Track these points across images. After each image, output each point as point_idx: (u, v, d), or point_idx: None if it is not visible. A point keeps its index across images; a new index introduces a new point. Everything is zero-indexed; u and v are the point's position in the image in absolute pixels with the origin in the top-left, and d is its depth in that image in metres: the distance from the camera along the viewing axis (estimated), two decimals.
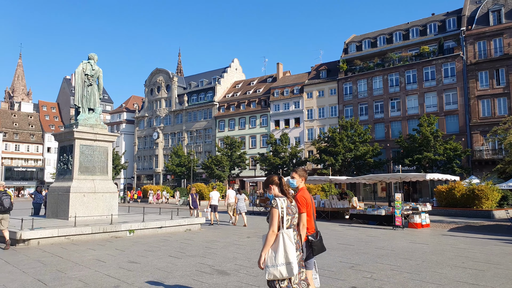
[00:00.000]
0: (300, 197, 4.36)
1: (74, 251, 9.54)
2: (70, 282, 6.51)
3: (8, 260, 8.49)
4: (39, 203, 17.65)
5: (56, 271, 7.33)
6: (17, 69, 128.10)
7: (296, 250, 3.82)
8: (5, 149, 79.86)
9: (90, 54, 15.19)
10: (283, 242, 3.76)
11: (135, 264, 7.90)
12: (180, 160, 51.24)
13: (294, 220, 3.93)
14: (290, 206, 3.93)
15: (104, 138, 14.61)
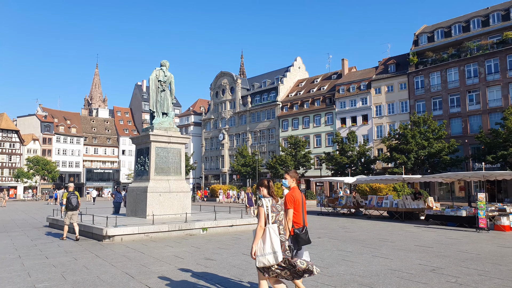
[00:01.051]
0: (289, 195, 5.14)
1: (153, 247, 10.25)
2: (153, 276, 7.04)
3: (98, 254, 9.38)
4: (119, 202, 19.21)
5: (140, 265, 7.95)
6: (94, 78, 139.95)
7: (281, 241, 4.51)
8: (86, 152, 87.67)
9: (162, 61, 16.17)
10: (269, 235, 4.46)
11: (211, 261, 8.30)
12: (245, 160, 52.32)
13: (279, 216, 4.66)
14: (275, 205, 4.66)
15: (177, 140, 15.47)
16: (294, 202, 5.10)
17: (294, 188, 5.27)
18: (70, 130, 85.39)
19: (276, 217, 4.63)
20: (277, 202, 4.71)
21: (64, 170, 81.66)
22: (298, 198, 5.14)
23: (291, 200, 5.11)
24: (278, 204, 4.71)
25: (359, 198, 23.62)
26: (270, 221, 4.54)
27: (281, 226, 4.66)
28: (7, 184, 71.91)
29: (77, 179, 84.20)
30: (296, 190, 5.24)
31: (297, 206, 5.11)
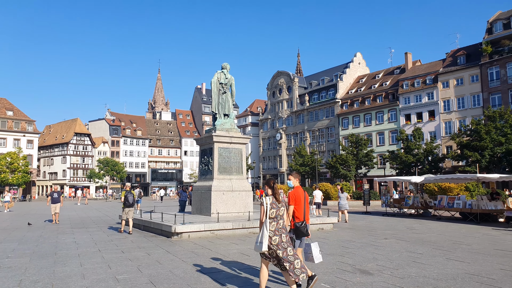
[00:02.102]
0: (291, 193, 6.08)
1: (219, 244, 10.62)
2: (222, 272, 7.31)
3: (168, 250, 9.93)
4: (184, 200, 20.11)
5: (208, 261, 8.30)
6: (157, 83, 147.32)
7: (276, 234, 5.25)
8: (151, 153, 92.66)
9: (223, 64, 16.66)
10: (264, 228, 5.23)
11: None
12: (303, 159, 52.02)
13: (279, 211, 5.37)
14: (275, 202, 5.36)
15: (239, 140, 15.86)
16: (295, 200, 6.01)
17: (297, 187, 6.16)
18: (136, 133, 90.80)
19: (277, 212, 5.37)
20: (279, 201, 5.41)
21: (131, 171, 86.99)
22: (299, 196, 6.04)
23: (293, 198, 6.04)
24: (279, 202, 5.42)
25: (427, 198, 22.47)
26: (269, 216, 5.29)
27: (282, 220, 5.41)
28: (81, 184, 78.20)
29: (143, 179, 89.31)
30: (298, 189, 6.13)
31: (298, 203, 6.02)
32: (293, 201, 6.04)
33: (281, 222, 5.38)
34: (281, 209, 5.42)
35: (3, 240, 12.08)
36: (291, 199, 6.05)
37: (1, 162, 59.48)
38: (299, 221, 6.01)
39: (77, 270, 7.56)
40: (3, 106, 73.01)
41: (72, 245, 10.89)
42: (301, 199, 6.06)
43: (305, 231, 6.01)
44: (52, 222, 17.72)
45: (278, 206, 5.38)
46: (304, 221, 6.01)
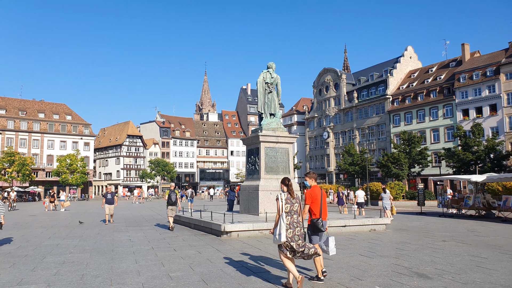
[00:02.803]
0: (308, 193, 6.53)
1: (268, 244, 10.64)
2: (272, 272, 7.32)
3: (219, 248, 10.11)
4: (232, 200, 20.41)
5: (257, 260, 8.35)
6: (203, 85, 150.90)
7: (291, 228, 5.82)
8: (199, 154, 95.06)
9: (269, 64, 16.68)
10: (280, 221, 5.80)
11: (329, 261, 8.28)
12: (352, 158, 50.80)
13: (293, 207, 5.95)
14: (290, 198, 5.98)
15: (285, 140, 15.81)
16: (312, 198, 6.48)
17: (314, 186, 6.66)
18: (185, 134, 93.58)
19: (291, 208, 5.96)
20: (293, 197, 6.03)
21: (181, 171, 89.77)
22: (316, 195, 6.53)
23: (309, 197, 6.51)
24: (294, 198, 6.03)
25: (490, 199, 21.07)
26: (284, 210, 5.88)
27: (296, 215, 5.97)
28: (134, 184, 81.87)
29: (191, 178, 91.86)
30: (315, 188, 6.63)
31: (314, 201, 6.49)
32: (309, 199, 6.52)
33: (295, 217, 5.97)
34: (295, 205, 6.03)
35: (66, 237, 12.93)
36: (307, 198, 6.53)
37: (61, 163, 63.92)
38: (315, 218, 6.52)
39: (133, 266, 7.91)
40: (63, 111, 78.32)
41: (127, 243, 11.41)
42: (317, 197, 6.55)
43: (321, 227, 6.51)
44: (105, 223, 17.65)
45: (292, 202, 6.01)
46: (320, 218, 6.51)
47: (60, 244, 11.28)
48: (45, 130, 72.56)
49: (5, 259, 8.93)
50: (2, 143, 67.49)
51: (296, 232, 5.88)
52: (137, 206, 35.87)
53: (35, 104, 76.65)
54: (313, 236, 6.65)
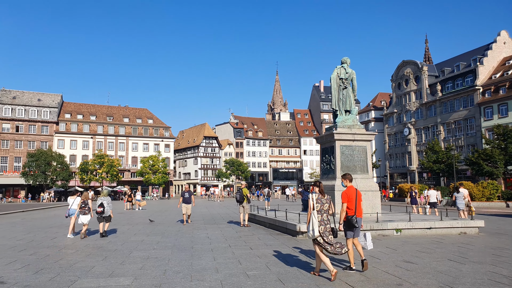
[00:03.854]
0: (343, 193, 7.33)
1: None
2: (352, 275, 7.09)
3: (294, 248, 10.07)
4: (306, 199, 20.24)
5: (335, 262, 8.14)
6: (275, 85, 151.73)
7: (322, 224, 6.65)
8: (271, 153, 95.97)
9: (343, 59, 16.24)
10: (312, 218, 6.61)
11: (412, 265, 7.82)
12: (437, 156, 47.50)
13: (323, 206, 6.75)
14: (320, 198, 6.77)
15: (362, 137, 15.25)
16: (348, 197, 7.25)
17: (349, 187, 7.42)
18: (257, 134, 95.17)
19: (321, 207, 6.75)
20: (324, 197, 6.82)
21: (254, 170, 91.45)
22: (351, 194, 7.28)
23: (345, 197, 7.29)
24: (324, 198, 6.82)
25: None
26: (315, 209, 6.69)
27: (326, 214, 6.79)
28: (211, 183, 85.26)
29: (265, 178, 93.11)
30: (350, 188, 7.39)
31: (350, 200, 7.23)
32: (345, 198, 7.27)
33: (325, 215, 6.78)
34: (325, 205, 6.83)
35: (150, 233, 13.86)
36: (343, 197, 7.31)
37: (145, 164, 68.98)
38: (350, 215, 7.24)
39: (211, 264, 8.20)
40: (145, 115, 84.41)
41: (205, 240, 11.88)
42: (352, 196, 7.28)
43: (354, 223, 7.20)
44: (183, 223, 17.11)
45: (323, 202, 6.80)
46: (355, 215, 7.21)
47: (145, 240, 12.11)
48: (130, 134, 78.76)
49: (98, 252, 9.82)
50: (93, 146, 74.68)
51: (327, 229, 6.77)
52: (213, 204, 37.24)
53: (121, 110, 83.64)
54: (348, 231, 7.36)
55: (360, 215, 7.34)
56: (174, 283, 6.60)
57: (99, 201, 13.01)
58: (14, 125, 69.69)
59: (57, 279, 6.92)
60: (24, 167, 61.85)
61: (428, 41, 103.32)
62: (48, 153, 62.10)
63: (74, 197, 13.66)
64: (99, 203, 12.95)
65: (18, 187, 66.85)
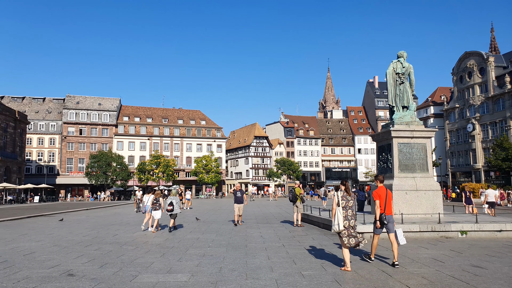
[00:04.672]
0: (374, 192, 8.08)
1: (406, 247, 9.92)
2: (413, 277, 6.80)
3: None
4: (362, 200, 19.71)
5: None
6: (326, 82, 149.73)
7: (346, 219, 7.38)
8: (324, 152, 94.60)
9: (399, 52, 15.64)
10: (337, 213, 7.37)
11: (481, 269, 7.34)
12: (506, 153, 44.26)
13: (348, 203, 7.47)
14: (345, 196, 7.52)
15: (421, 134, 14.58)
16: (379, 196, 8.02)
17: (380, 187, 8.17)
18: (309, 133, 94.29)
19: (346, 204, 7.49)
20: (349, 195, 7.58)
21: (306, 170, 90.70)
22: (381, 194, 8.03)
23: (376, 196, 8.06)
24: (349, 196, 7.57)
25: None
26: (340, 205, 7.45)
27: (350, 210, 7.49)
28: (262, 182, 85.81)
29: (317, 177, 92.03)
30: (381, 188, 8.14)
31: (381, 199, 7.99)
32: (376, 197, 8.06)
33: (349, 211, 7.48)
34: (350, 202, 7.55)
35: (205, 231, 14.23)
36: (374, 197, 8.09)
37: (198, 164, 71.12)
38: (381, 212, 7.97)
39: (266, 263, 8.24)
40: (198, 117, 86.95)
41: (259, 239, 11.97)
42: (382, 196, 8.03)
43: (384, 220, 7.91)
44: (234, 224, 16.47)
45: (348, 199, 7.53)
46: (384, 213, 7.95)
47: (200, 238, 12.45)
48: (184, 135, 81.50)
49: (156, 249, 10.25)
50: (150, 147, 78.13)
51: (351, 224, 7.44)
52: (266, 203, 37.43)
53: (175, 112, 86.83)
54: (377, 228, 8.09)
55: (389, 213, 8.06)
56: (229, 280, 6.71)
57: (168, 200, 14.72)
58: (78, 129, 74.83)
59: (119, 273, 7.31)
60: (87, 167, 66.15)
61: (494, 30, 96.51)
62: (109, 154, 66.02)
63: (149, 195, 15.59)
64: (169, 202, 14.66)
65: (82, 186, 71.64)
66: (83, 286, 6.39)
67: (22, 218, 21.90)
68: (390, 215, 8.07)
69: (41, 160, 72.50)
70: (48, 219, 21.23)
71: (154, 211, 14.48)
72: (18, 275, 7.20)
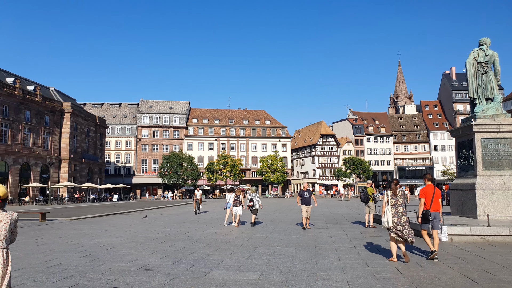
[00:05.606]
0: (421, 190, 8.83)
1: (494, 252, 9.15)
2: (504, 285, 6.22)
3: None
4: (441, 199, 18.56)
5: (481, 271, 7.25)
6: (397, 76, 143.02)
7: (395, 216, 8.14)
8: (396, 150, 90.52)
9: (481, 40, 14.45)
10: (386, 211, 8.20)
11: None
12: None
13: (397, 201, 8.23)
14: (393, 195, 8.28)
15: (509, 128, 13.31)
16: (425, 194, 8.62)
17: (428, 185, 8.72)
18: (379, 130, 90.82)
19: (395, 202, 8.19)
20: (397, 194, 8.23)
21: (377, 169, 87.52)
22: (428, 192, 8.62)
23: (422, 194, 8.67)
24: (398, 195, 8.24)
25: None
26: (389, 203, 8.17)
27: (400, 207, 8.17)
28: (330, 182, 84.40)
29: (389, 176, 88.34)
30: (428, 186, 8.70)
31: (427, 197, 8.60)
32: (422, 195, 8.72)
33: (400, 209, 8.19)
34: (399, 200, 8.25)
35: (272, 231, 14.31)
36: (420, 194, 8.75)
37: (264, 164, 71.89)
38: (425, 209, 8.58)
39: (336, 264, 8.06)
40: (262, 117, 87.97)
41: (328, 240, 11.75)
42: (429, 194, 8.64)
43: (428, 216, 8.48)
44: (303, 227, 14.78)
45: (396, 198, 8.26)
46: (429, 210, 8.54)
47: (268, 237, 12.53)
48: (249, 135, 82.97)
49: (226, 247, 10.50)
50: (217, 148, 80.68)
51: (402, 220, 8.11)
52: (341, 204, 36.73)
53: (240, 113, 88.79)
54: (423, 224, 8.71)
55: (435, 210, 8.62)
56: (299, 280, 6.66)
57: (249, 197, 16.09)
58: (151, 131, 79.57)
59: (192, 269, 7.59)
60: (160, 168, 70.07)
61: None
62: (180, 155, 69.38)
63: (231, 194, 17.10)
64: (249, 198, 15.97)
65: (156, 186, 76.07)
66: (159, 280, 6.74)
67: (104, 215, 23.72)
68: (437, 212, 8.65)
69: (118, 162, 78.28)
70: (126, 217, 22.78)
71: (235, 208, 16.04)
72: (102, 268, 7.79)
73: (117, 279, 6.80)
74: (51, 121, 50.49)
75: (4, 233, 3.93)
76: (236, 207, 16.07)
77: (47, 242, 11.71)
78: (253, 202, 15.78)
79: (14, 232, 4.12)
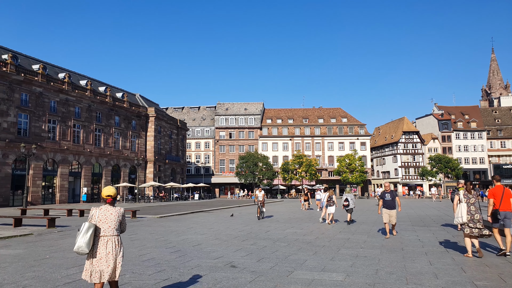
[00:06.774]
0: (490, 191, 9.34)
1: None
2: None
3: None
4: None
5: None
6: (491, 65, 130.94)
7: (468, 214, 8.75)
8: (491, 147, 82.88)
9: None
10: (460, 208, 8.90)
11: None
12: None
13: (470, 200, 8.86)
14: (466, 194, 8.96)
15: None
16: (493, 194, 9.09)
17: (497, 186, 9.22)
18: (469, 125, 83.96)
19: (468, 201, 8.85)
20: (471, 193, 8.91)
21: (467, 167, 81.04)
22: (497, 192, 9.09)
23: (491, 194, 9.17)
24: (471, 194, 8.91)
25: None
26: (462, 201, 8.87)
27: (473, 206, 8.80)
28: (414, 182, 79.93)
29: (482, 176, 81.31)
30: (498, 187, 9.17)
31: (496, 197, 9.04)
32: (491, 195, 9.11)
33: (472, 207, 8.72)
34: (472, 199, 8.82)
35: (355, 232, 13.98)
36: (489, 194, 9.15)
37: (341, 163, 70.32)
38: (494, 209, 8.94)
39: (427, 268, 7.66)
40: (338, 114, 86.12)
41: (416, 243, 11.19)
42: (498, 194, 9.00)
43: (498, 215, 8.86)
44: (386, 236, 12.47)
45: (469, 196, 8.86)
46: (498, 209, 8.86)
47: (351, 238, 12.27)
48: (325, 134, 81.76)
49: (308, 247, 10.50)
50: (292, 147, 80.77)
51: (475, 217, 8.66)
52: (429, 205, 34.74)
53: (315, 111, 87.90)
54: (494, 223, 9.01)
55: (504, 209, 8.84)
56: (388, 283, 6.46)
57: (344, 197, 17.06)
58: (227, 133, 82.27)
59: (276, 268, 7.73)
60: (237, 167, 72.13)
61: None
62: (255, 155, 70.78)
63: (324, 193, 18.53)
64: (344, 198, 16.93)
65: (233, 185, 78.48)
66: (245, 277, 6.97)
67: (187, 213, 25.04)
68: (508, 211, 8.84)
69: (198, 162, 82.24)
70: (208, 215, 23.81)
71: (329, 207, 17.03)
72: (191, 263, 8.27)
73: (206, 275, 7.17)
74: (137, 125, 54.53)
75: (115, 223, 4.86)
76: (329, 206, 17.06)
77: (139, 238, 12.70)
78: (348, 202, 16.71)
79: (123, 223, 5.04)
